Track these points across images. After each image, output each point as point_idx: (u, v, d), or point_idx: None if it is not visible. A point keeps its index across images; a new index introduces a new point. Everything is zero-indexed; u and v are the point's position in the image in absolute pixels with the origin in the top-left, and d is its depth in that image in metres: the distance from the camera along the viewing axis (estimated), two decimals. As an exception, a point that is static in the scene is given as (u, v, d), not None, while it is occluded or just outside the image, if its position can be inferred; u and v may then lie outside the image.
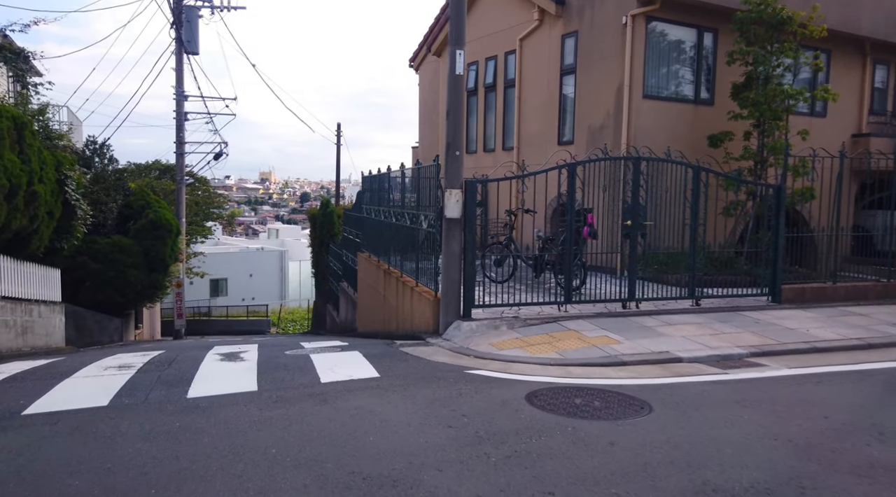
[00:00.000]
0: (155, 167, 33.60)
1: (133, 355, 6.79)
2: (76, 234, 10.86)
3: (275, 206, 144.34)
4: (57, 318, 11.16)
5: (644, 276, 8.28)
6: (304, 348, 7.09)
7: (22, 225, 8.79)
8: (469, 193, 7.36)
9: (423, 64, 17.07)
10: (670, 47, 11.32)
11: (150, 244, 15.84)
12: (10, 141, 8.18)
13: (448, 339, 7.05)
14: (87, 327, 14.92)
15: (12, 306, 9.15)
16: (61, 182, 9.96)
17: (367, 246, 12.86)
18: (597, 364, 5.76)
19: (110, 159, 16.05)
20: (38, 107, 10.93)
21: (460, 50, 7.26)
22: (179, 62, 19.86)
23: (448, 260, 7.36)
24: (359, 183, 59.87)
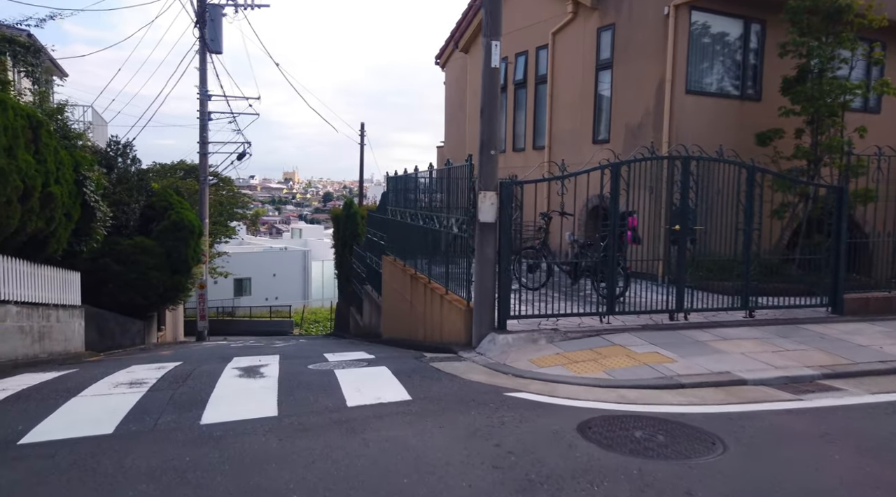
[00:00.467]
0: (180, 167, 33.69)
1: (148, 368, 6.40)
2: (96, 237, 10.58)
3: (298, 205, 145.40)
4: (76, 323, 10.89)
5: (690, 285, 7.65)
6: (329, 362, 6.63)
7: (38, 227, 8.49)
8: (504, 196, 6.83)
9: (449, 61, 16.56)
10: (714, 40, 10.63)
11: (172, 245, 15.60)
12: (24, 140, 7.87)
13: (482, 353, 6.53)
14: (109, 330, 14.72)
15: (29, 311, 8.87)
16: (79, 183, 9.67)
17: (392, 249, 12.40)
18: (651, 386, 5.19)
19: (133, 160, 15.85)
20: (56, 105, 10.65)
21: (496, 41, 6.74)
22: (203, 61, 19.66)
23: (482, 267, 6.84)
24: (380, 183, 59.76)
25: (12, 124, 7.61)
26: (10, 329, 8.29)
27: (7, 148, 7.47)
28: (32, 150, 8.22)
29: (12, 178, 7.44)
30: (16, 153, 7.64)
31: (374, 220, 15.36)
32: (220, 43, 19.63)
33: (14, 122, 7.67)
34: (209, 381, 5.53)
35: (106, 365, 7.12)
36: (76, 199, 9.70)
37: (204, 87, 19.76)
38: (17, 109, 7.88)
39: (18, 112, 7.91)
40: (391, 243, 12.45)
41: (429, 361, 6.41)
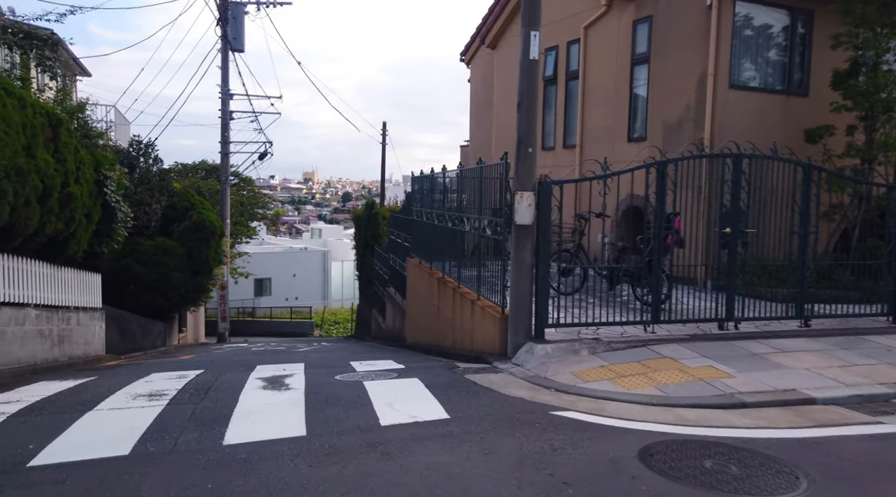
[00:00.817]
0: (201, 167, 33.75)
1: (168, 377, 6.09)
2: (117, 238, 10.37)
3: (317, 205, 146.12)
4: (97, 326, 10.70)
5: (740, 291, 7.15)
6: (357, 372, 6.27)
7: (57, 228, 8.27)
8: (543, 196, 6.41)
9: (475, 58, 16.16)
10: (759, 32, 10.09)
11: (193, 246, 15.42)
12: (43, 139, 7.64)
13: (520, 364, 6.12)
14: (130, 332, 14.57)
15: (48, 315, 8.66)
16: (100, 183, 9.45)
17: (417, 251, 12.03)
18: (711, 405, 4.73)
19: (155, 159, 15.71)
20: (76, 103, 10.46)
21: (535, 31, 6.32)
22: (225, 60, 19.50)
23: (518, 272, 6.43)
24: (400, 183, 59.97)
25: (31, 122, 7.37)
26: (30, 333, 8.08)
27: (25, 147, 7.24)
28: (52, 149, 7.99)
29: (31, 178, 7.20)
30: (35, 152, 7.41)
31: (397, 221, 15.01)
32: (242, 41, 19.46)
33: (33, 119, 7.44)
34: (232, 393, 5.20)
35: (125, 372, 6.84)
36: (97, 199, 9.48)
37: (226, 85, 19.60)
38: (36, 107, 7.65)
39: (38, 110, 7.68)
40: (416, 245, 12.08)
41: (463, 373, 6.01)
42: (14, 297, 7.78)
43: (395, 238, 14.92)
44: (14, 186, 6.87)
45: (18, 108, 7.05)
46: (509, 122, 14.34)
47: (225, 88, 19.62)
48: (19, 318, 7.80)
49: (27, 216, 7.31)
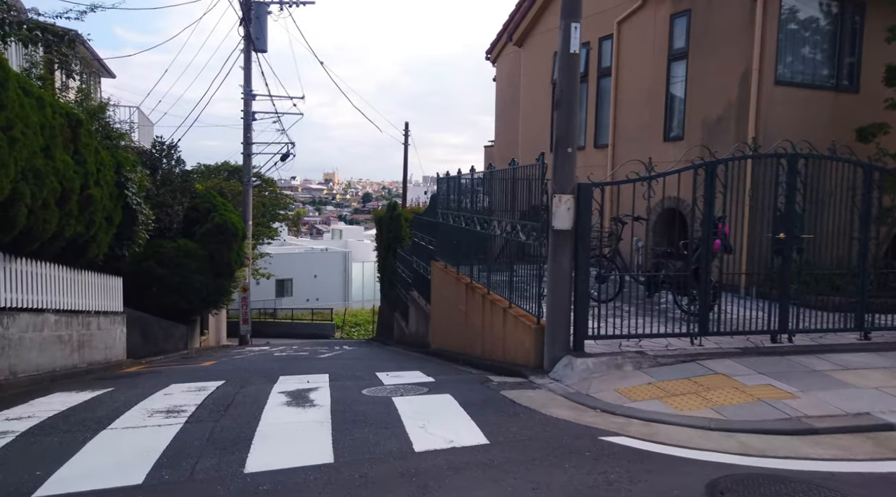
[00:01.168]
0: (224, 168, 33.82)
1: (187, 390, 5.81)
2: (138, 241, 10.18)
3: (338, 206, 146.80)
4: (117, 330, 10.52)
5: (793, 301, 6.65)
6: (384, 385, 5.91)
7: (77, 231, 8.07)
8: (582, 200, 6.00)
9: (501, 56, 15.76)
10: (806, 25, 9.54)
11: (215, 248, 15.26)
12: (62, 140, 7.43)
13: (558, 379, 5.71)
14: (152, 334, 14.45)
15: (67, 320, 8.47)
16: (121, 185, 9.25)
17: (442, 254, 11.67)
18: (777, 431, 4.28)
19: (177, 161, 15.58)
20: (97, 103, 10.28)
21: (576, 23, 5.92)
22: (248, 60, 19.36)
23: (555, 280, 6.03)
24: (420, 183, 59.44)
25: (50, 123, 7.16)
26: (49, 339, 7.89)
27: (44, 148, 7.02)
28: (71, 151, 7.79)
29: (49, 180, 6.99)
30: (53, 153, 7.20)
31: (421, 224, 14.67)
32: (264, 41, 19.31)
33: (52, 120, 7.23)
34: (254, 409, 4.88)
35: (144, 382, 6.58)
36: (117, 201, 9.28)
37: (248, 86, 19.47)
38: (55, 107, 7.44)
39: (57, 110, 7.48)
40: (442, 248, 11.73)
41: (498, 389, 5.62)
42: (32, 302, 7.59)
43: (419, 240, 14.59)
44: (32, 189, 6.65)
45: (37, 108, 6.84)
46: (536, 121, 13.97)
47: (247, 89, 19.49)
48: (37, 323, 7.61)
49: (45, 219, 7.09)
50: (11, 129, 5.97)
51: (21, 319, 7.23)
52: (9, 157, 5.96)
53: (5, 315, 6.89)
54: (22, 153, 6.33)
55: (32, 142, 6.60)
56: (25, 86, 6.67)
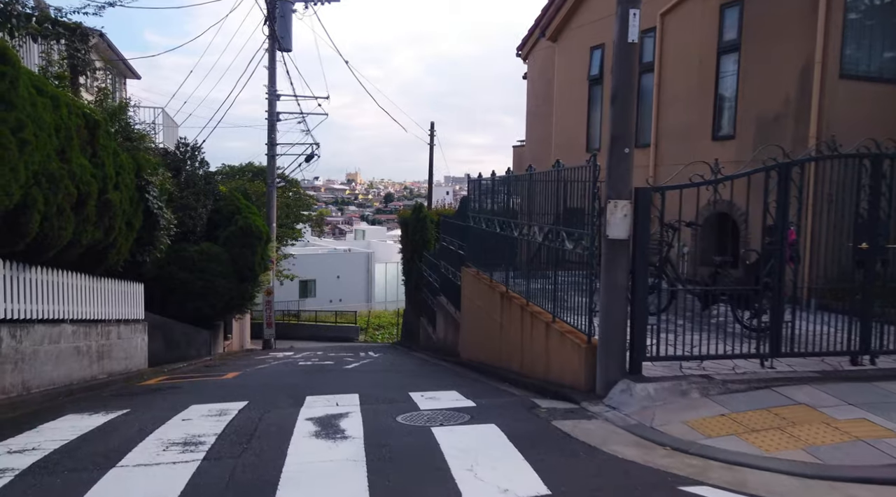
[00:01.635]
0: (248, 169, 33.73)
1: (207, 414, 5.33)
2: (159, 246, 9.81)
3: (360, 206, 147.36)
4: (139, 338, 10.17)
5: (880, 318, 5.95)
6: (420, 410, 5.38)
7: (95, 238, 7.69)
8: (641, 205, 5.40)
9: (533, 52, 15.14)
10: (874, 12, 8.77)
11: (238, 252, 14.90)
12: (79, 142, 7.04)
13: (615, 407, 5.11)
14: (175, 340, 14.16)
15: (86, 330, 8.10)
16: (141, 188, 8.87)
17: (474, 260, 11.12)
18: (888, 481, 3.64)
19: (201, 162, 15.25)
20: (117, 103, 9.92)
21: (634, 9, 5.32)
22: (272, 59, 19.04)
23: (609, 295, 5.43)
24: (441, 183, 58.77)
25: (66, 124, 6.77)
26: (65, 351, 7.52)
27: (59, 150, 6.63)
28: (89, 153, 7.40)
29: (64, 184, 6.59)
30: (69, 156, 6.81)
31: (449, 227, 14.13)
32: (289, 40, 18.97)
33: (68, 121, 6.84)
34: (279, 441, 4.37)
35: (163, 400, 6.14)
36: (138, 206, 8.90)
37: (273, 86, 19.15)
38: (71, 107, 7.06)
39: (73, 110, 7.09)
40: (473, 254, 11.17)
41: (548, 417, 5.04)
42: (48, 312, 7.22)
43: (447, 245, 14.05)
44: (45, 194, 6.26)
45: (51, 107, 6.44)
46: (571, 120, 13.27)
47: (272, 89, 19.17)
48: (53, 335, 7.24)
49: (60, 226, 6.70)
50: (22, 131, 5.56)
51: (36, 331, 6.86)
52: (19, 160, 5.56)
53: (18, 328, 6.51)
54: (34, 156, 5.93)
55: (46, 144, 6.20)
56: (39, 84, 6.28)
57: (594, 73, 12.48)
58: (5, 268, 6.35)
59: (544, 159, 13.97)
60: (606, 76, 12.20)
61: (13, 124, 5.47)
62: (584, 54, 12.68)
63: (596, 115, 12.48)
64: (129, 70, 19.30)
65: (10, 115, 5.44)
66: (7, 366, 6.28)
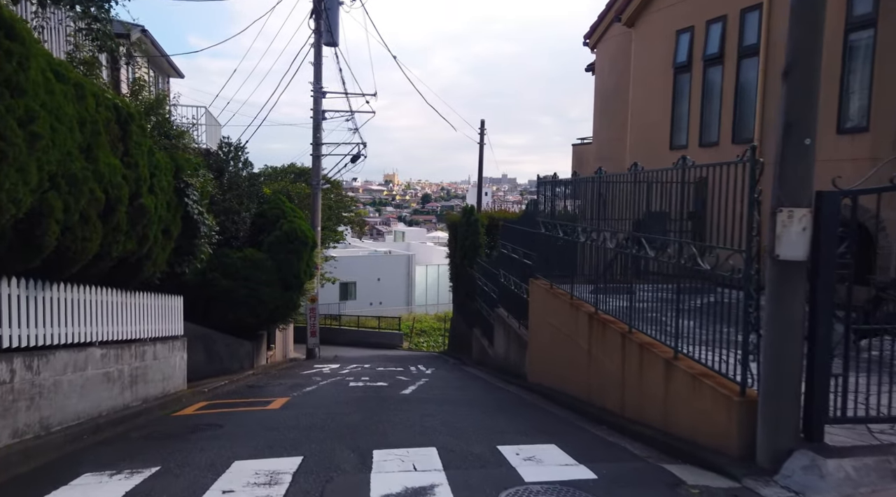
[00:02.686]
0: (290, 170, 33.14)
1: (254, 477, 4.19)
2: (200, 255, 8.83)
3: (397, 207, 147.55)
4: (177, 357, 9.21)
5: None
6: (525, 482, 4.10)
7: (127, 249, 6.70)
8: (825, 216, 4.03)
9: (603, 40, 13.73)
10: None
11: (283, 259, 13.96)
12: (108, 139, 6.04)
13: (798, 491, 3.75)
14: (216, 352, 13.29)
15: (118, 352, 7.13)
16: (180, 191, 7.89)
17: (546, 271, 9.82)
18: None
19: (245, 163, 14.40)
20: (154, 97, 8.95)
21: (822, -50, 3.95)
22: (318, 55, 18.12)
23: (780, 333, 4.08)
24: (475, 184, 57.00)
25: (92, 117, 5.77)
26: (93, 379, 6.54)
27: (84, 147, 5.63)
28: (120, 151, 6.41)
29: (89, 188, 5.59)
30: (96, 155, 5.80)
31: (511, 233, 12.84)
32: (336, 34, 18.01)
33: (95, 113, 5.85)
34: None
35: (200, 452, 5.04)
36: (176, 211, 7.92)
37: (318, 82, 18.23)
38: (100, 98, 6.07)
39: (102, 102, 6.10)
40: (545, 264, 9.86)
41: (707, 504, 3.72)
42: (72, 336, 6.25)
43: (510, 252, 12.76)
44: (65, 199, 5.26)
45: (74, 97, 5.44)
46: (651, 114, 11.75)
47: (317, 85, 18.25)
48: (79, 361, 6.26)
49: (85, 236, 5.70)
50: (33, 122, 4.54)
51: (58, 359, 5.88)
52: (29, 159, 4.54)
53: (36, 357, 5.53)
54: (50, 154, 4.92)
55: (66, 140, 5.19)
56: (59, 68, 5.27)
57: (681, 61, 11.01)
58: (20, 287, 5.37)
59: (615, 159, 12.58)
60: (696, 64, 10.74)
61: (22, 114, 4.45)
62: (669, 39, 11.24)
63: (682, 108, 11.02)
64: (173, 68, 18.66)
65: (17, 103, 4.42)
66: (20, 403, 5.29)
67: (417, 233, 73.76)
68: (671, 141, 11.15)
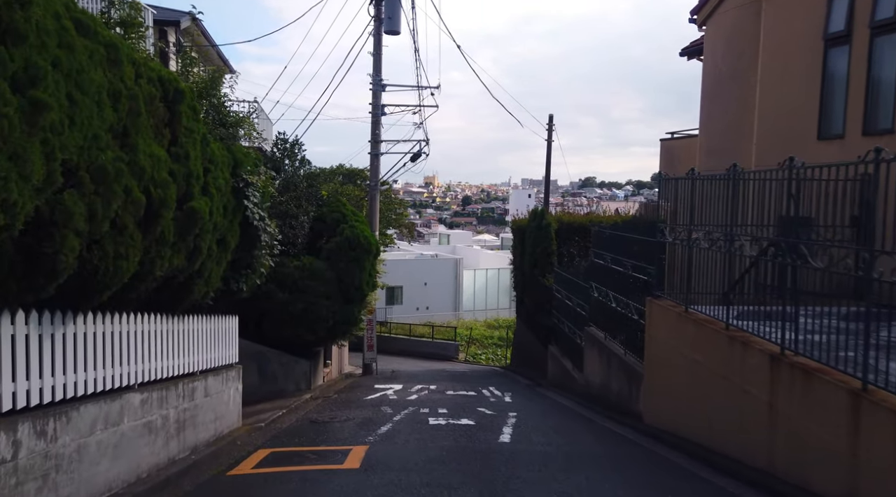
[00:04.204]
0: (339, 172, 32.05)
1: None
2: (260, 269, 7.31)
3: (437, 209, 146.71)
4: (231, 389, 7.73)
5: None
6: None
7: (174, 266, 5.18)
8: None
9: (716, 13, 11.73)
10: None
11: (344, 268, 12.44)
12: (151, 122, 4.52)
13: None
14: (270, 372, 11.91)
15: (161, 394, 5.64)
16: (239, 192, 6.37)
17: (675, 290, 7.99)
18: None
19: (302, 161, 12.97)
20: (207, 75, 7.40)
21: None
22: (378, 44, 16.62)
23: None
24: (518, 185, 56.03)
25: (130, 91, 4.25)
26: (130, 433, 5.04)
27: (119, 131, 4.11)
28: (167, 140, 4.90)
29: (124, 186, 4.05)
30: (134, 142, 4.28)
31: (612, 241, 10.98)
32: (397, 21, 16.45)
33: (134, 87, 4.33)
34: None
35: None
36: (234, 216, 6.40)
37: (378, 74, 16.72)
38: (140, 67, 4.55)
39: (144, 72, 4.59)
40: (672, 281, 8.02)
41: None
42: (103, 381, 4.75)
43: (608, 263, 10.91)
44: (90, 202, 3.73)
45: (104, 61, 3.92)
46: (790, 99, 9.44)
47: (377, 77, 16.75)
48: (112, 414, 4.76)
49: (118, 252, 4.17)
50: (36, 85, 3.00)
51: (84, 415, 4.39)
52: (30, 140, 3.00)
53: (52, 417, 4.04)
54: (67, 137, 3.39)
55: (91, 117, 3.66)
56: (82, 18, 3.75)
57: (836, 30, 8.95)
58: (28, 324, 3.88)
59: (730, 152, 10.56)
60: (858, 32, 8.67)
61: (18, 71, 2.91)
62: (816, 5, 9.21)
63: (838, 89, 8.96)
64: (223, 62, 17.48)
65: (12, 53, 2.88)
66: (29, 485, 3.79)
67: (463, 235, 72.18)
68: (820, 129, 9.10)
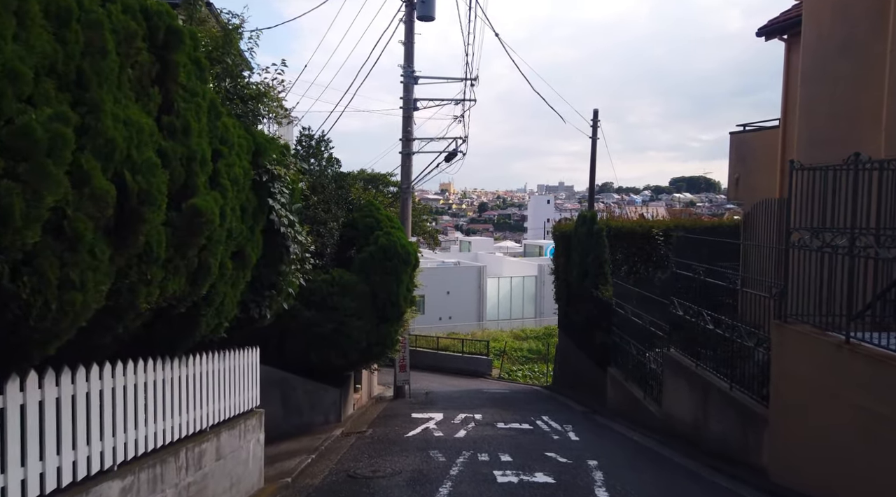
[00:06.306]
0: (360, 177, 30.72)
1: None
2: (287, 289, 5.58)
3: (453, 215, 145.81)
4: (251, 442, 6.02)
5: None
6: None
7: (170, 292, 3.49)
8: None
9: (820, -21, 9.90)
10: None
11: (379, 282, 10.72)
12: (130, 74, 2.84)
13: None
14: (295, 402, 10.30)
15: (154, 472, 3.95)
16: (261, 187, 4.67)
17: (823, 316, 6.17)
18: None
19: (329, 160, 11.33)
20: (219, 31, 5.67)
21: None
22: (410, 31, 14.96)
23: None
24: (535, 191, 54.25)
25: (90, 14, 2.57)
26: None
27: (71, 78, 2.43)
28: (154, 101, 3.22)
29: (66, 165, 2.36)
30: (96, 98, 2.60)
31: (701, 248, 9.15)
32: (432, 5, 14.80)
33: (97, 9, 2.65)
34: None
35: None
36: (255, 220, 4.70)
37: (409, 65, 15.07)
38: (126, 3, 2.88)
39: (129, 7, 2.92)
40: (823, 302, 6.20)
41: None
42: (57, 473, 3.06)
43: (697, 275, 9.07)
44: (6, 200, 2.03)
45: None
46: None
47: (408, 68, 15.09)
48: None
49: (66, 278, 2.48)
50: None
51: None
52: None
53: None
54: None
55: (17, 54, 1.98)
56: None
57: None
58: None
59: (843, 141, 8.69)
60: None
61: None
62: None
63: None
64: (240, 55, 15.96)
65: None
66: None
67: (484, 242, 70.45)
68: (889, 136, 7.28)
